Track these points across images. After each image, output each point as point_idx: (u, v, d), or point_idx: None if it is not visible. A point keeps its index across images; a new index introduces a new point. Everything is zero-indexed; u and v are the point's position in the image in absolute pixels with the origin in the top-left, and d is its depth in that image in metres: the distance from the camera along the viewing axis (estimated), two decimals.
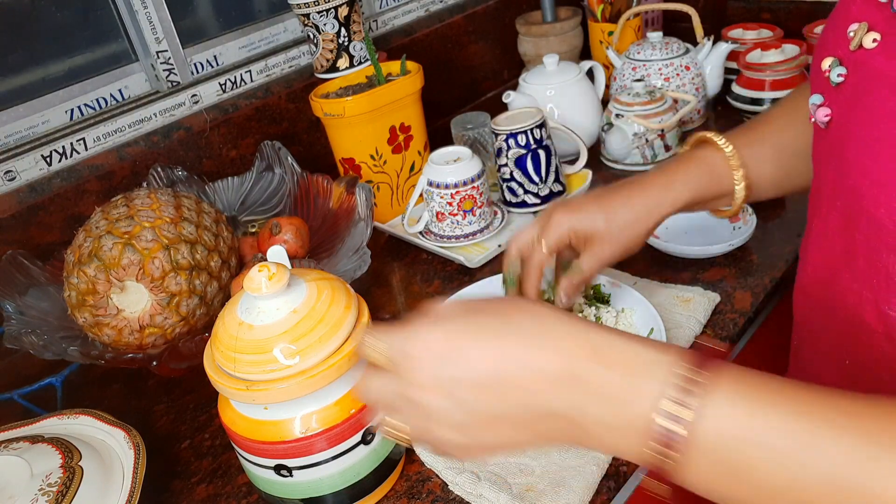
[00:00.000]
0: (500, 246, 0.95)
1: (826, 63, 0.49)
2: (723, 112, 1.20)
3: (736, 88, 1.17)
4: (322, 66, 1.06)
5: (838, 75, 0.48)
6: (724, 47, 1.17)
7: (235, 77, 1.14)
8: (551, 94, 1.12)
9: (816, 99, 0.51)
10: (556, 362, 0.37)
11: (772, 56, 1.14)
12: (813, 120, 0.52)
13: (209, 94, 1.11)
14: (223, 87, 1.13)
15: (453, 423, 0.40)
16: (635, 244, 0.69)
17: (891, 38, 0.44)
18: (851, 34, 0.47)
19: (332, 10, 1.00)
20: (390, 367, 0.42)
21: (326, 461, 0.58)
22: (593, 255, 0.68)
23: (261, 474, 0.60)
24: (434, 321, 0.41)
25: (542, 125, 0.97)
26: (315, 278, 0.60)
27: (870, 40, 0.45)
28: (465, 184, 0.93)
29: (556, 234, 0.68)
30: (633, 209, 0.68)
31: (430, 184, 0.95)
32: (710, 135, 0.71)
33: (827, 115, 0.50)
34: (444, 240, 0.97)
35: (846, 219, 0.49)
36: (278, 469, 0.58)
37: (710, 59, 1.17)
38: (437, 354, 0.40)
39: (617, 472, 0.63)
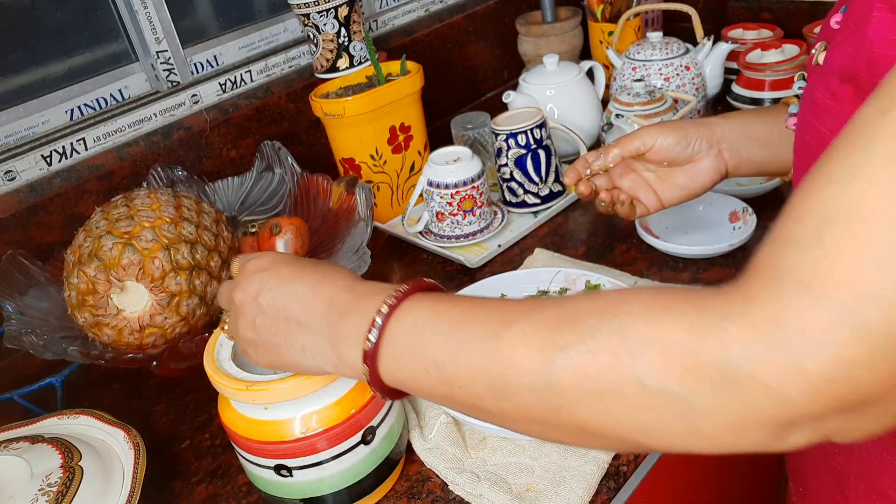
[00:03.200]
0: (499, 246, 0.95)
1: (797, 77, 0.60)
2: (723, 112, 1.20)
3: (736, 88, 1.17)
4: (322, 66, 1.06)
5: (799, 88, 0.57)
6: (724, 47, 1.17)
7: (235, 77, 1.14)
8: (551, 94, 1.12)
9: (794, 108, 0.59)
10: (329, 291, 0.49)
11: (772, 56, 1.14)
12: (787, 126, 0.60)
13: (209, 94, 1.11)
14: (223, 87, 1.13)
15: (250, 320, 0.51)
16: (705, 186, 0.78)
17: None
18: (814, 52, 0.54)
19: (332, 10, 1.00)
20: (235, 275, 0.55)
21: (326, 461, 0.58)
22: (672, 184, 0.78)
23: (261, 474, 0.60)
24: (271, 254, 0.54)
25: (542, 125, 0.97)
26: None
27: (823, 58, 0.52)
28: (465, 184, 0.93)
29: (635, 146, 0.77)
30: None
31: (430, 184, 0.95)
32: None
33: (795, 125, 0.57)
34: (444, 240, 0.97)
35: None
36: (278, 469, 0.58)
37: (710, 59, 1.17)
38: (260, 266, 0.52)
39: (617, 472, 0.63)
